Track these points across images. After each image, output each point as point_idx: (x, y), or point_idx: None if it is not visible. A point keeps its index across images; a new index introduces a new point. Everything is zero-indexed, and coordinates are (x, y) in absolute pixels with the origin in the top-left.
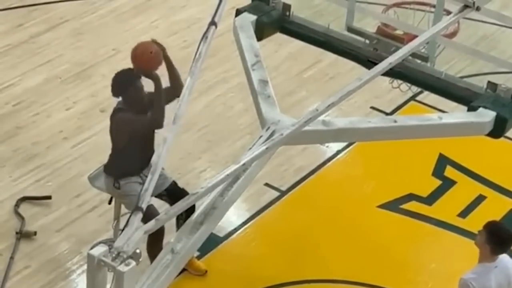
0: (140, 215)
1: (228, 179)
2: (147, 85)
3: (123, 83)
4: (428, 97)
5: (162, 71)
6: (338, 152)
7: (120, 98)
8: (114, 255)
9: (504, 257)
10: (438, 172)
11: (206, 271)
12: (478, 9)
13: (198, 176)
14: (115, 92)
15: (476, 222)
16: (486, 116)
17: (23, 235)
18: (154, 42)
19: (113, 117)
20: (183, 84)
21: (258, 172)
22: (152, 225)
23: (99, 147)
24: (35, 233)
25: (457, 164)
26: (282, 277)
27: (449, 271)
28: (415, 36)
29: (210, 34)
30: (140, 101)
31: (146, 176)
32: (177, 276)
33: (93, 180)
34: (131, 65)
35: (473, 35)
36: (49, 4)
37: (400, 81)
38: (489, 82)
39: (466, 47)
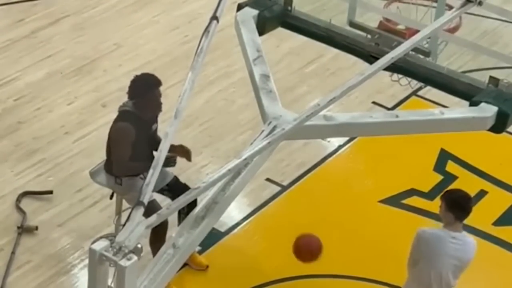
0: (141, 210)
1: (229, 174)
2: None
3: (142, 87)
4: (430, 92)
5: None
6: (340, 147)
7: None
8: (115, 250)
9: (466, 236)
10: (439, 167)
11: (208, 266)
12: (480, 3)
13: (199, 171)
14: (132, 94)
15: (477, 217)
16: (488, 111)
17: (24, 230)
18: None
19: (116, 120)
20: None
21: (259, 167)
22: (153, 219)
23: (101, 142)
24: (36, 228)
25: (458, 159)
26: (284, 272)
27: None
28: (417, 31)
29: (211, 28)
30: (154, 108)
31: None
32: (179, 270)
33: (94, 175)
34: (131, 60)
35: (475, 30)
36: None
37: (400, 76)
38: (491, 77)
39: (468, 41)
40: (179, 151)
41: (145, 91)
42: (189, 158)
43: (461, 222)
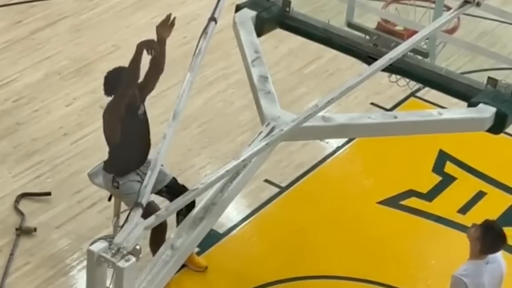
0: (140, 211)
1: (228, 175)
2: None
3: (115, 81)
4: (428, 93)
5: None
6: (338, 148)
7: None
8: (114, 251)
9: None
10: (438, 168)
11: (207, 267)
12: (478, 4)
13: (198, 172)
14: (107, 91)
15: (476, 218)
16: (486, 112)
17: (23, 232)
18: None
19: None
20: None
21: (258, 168)
22: (152, 221)
23: (99, 143)
24: (35, 230)
25: (457, 160)
26: (282, 273)
27: (449, 267)
28: (415, 32)
29: (210, 30)
30: (133, 100)
31: (145, 174)
32: (177, 272)
33: (93, 177)
34: (129, 61)
35: (473, 31)
36: (48, 0)
37: (398, 76)
38: (489, 78)
39: (467, 43)
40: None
41: (118, 85)
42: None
43: (485, 255)
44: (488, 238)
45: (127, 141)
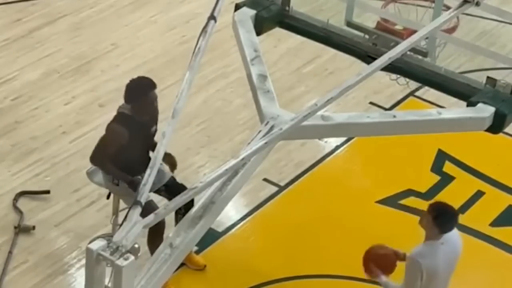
0: (139, 209)
1: (227, 174)
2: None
3: (137, 91)
4: (427, 92)
5: None
6: (337, 147)
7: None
8: (112, 250)
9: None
10: (437, 167)
11: (205, 266)
12: (477, 4)
13: (197, 171)
14: (127, 98)
15: (474, 217)
16: (485, 111)
17: (21, 230)
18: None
19: (112, 121)
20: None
21: (257, 167)
22: (150, 219)
23: None
24: (33, 228)
25: (456, 160)
26: (281, 272)
27: None
28: (415, 31)
29: (209, 28)
30: (150, 112)
31: (145, 172)
32: (176, 270)
33: (91, 175)
34: (128, 60)
35: (473, 31)
36: None
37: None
38: (488, 77)
39: (466, 42)
40: (166, 160)
41: (140, 94)
42: (172, 170)
43: (441, 235)
44: (441, 222)
45: (130, 153)
